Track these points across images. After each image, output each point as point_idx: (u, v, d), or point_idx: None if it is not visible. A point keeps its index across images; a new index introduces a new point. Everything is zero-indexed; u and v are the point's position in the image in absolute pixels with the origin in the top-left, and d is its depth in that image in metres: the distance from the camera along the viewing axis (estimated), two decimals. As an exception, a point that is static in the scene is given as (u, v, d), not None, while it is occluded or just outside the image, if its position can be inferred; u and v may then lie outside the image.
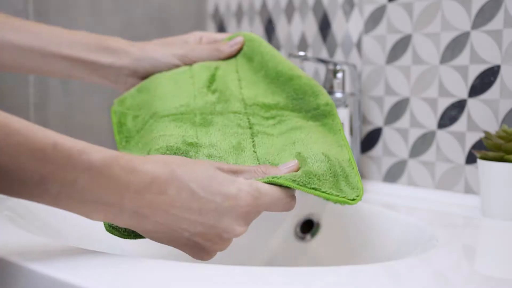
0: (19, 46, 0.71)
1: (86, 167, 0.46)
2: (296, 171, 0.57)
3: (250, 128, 0.65)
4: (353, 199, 0.55)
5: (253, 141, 0.63)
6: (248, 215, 0.53)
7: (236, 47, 0.75)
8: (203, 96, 0.68)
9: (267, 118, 0.66)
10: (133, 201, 0.48)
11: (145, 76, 0.74)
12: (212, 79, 0.71)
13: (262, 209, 0.54)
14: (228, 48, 0.75)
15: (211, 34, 0.79)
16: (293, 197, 0.56)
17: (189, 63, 0.74)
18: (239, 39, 0.74)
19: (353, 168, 0.60)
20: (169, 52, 0.74)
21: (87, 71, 0.73)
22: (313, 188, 0.55)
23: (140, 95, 0.71)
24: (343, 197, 0.55)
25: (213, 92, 0.69)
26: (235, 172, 0.55)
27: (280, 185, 0.55)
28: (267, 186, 0.54)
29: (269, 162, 0.60)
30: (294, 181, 0.54)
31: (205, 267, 0.49)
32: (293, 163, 0.58)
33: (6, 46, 0.70)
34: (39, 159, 0.44)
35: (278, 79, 0.70)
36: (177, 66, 0.74)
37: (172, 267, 0.49)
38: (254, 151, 0.62)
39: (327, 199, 0.55)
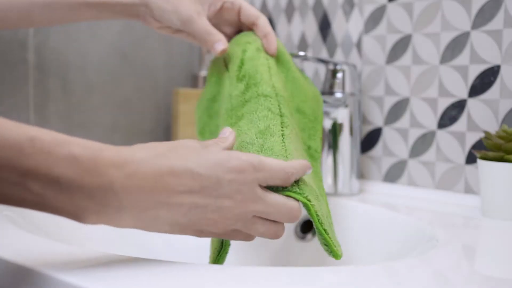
0: (48, 2, 0.74)
1: (69, 161, 0.42)
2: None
3: (281, 116, 0.62)
4: (340, 255, 0.57)
5: (283, 131, 0.60)
6: (248, 182, 0.50)
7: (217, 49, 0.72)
8: (234, 89, 0.67)
9: (291, 116, 0.66)
10: (129, 196, 0.45)
11: (161, 20, 0.74)
12: (241, 64, 0.68)
13: (264, 179, 0.51)
14: (213, 45, 0.72)
15: (237, 4, 0.75)
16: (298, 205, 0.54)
17: (188, 32, 0.74)
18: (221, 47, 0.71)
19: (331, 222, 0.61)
20: (177, 10, 0.72)
21: (113, 13, 0.75)
22: (324, 230, 0.56)
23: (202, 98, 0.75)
24: (337, 250, 0.57)
25: (241, 79, 0.66)
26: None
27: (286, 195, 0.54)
28: (266, 158, 0.52)
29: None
30: (317, 215, 0.55)
31: (205, 267, 0.49)
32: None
33: (36, 3, 0.74)
34: (17, 156, 0.41)
35: (300, 89, 0.72)
36: (180, 32, 0.75)
37: (171, 267, 0.49)
38: (283, 140, 0.59)
39: (328, 246, 0.56)
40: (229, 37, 0.77)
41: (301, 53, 0.84)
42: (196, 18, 0.71)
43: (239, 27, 0.78)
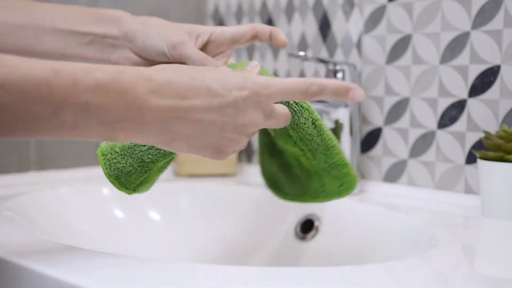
0: (11, 24, 0.67)
1: (94, 86, 0.45)
2: None
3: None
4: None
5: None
6: (261, 101, 0.53)
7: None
8: None
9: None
10: (153, 111, 0.47)
11: (138, 51, 0.67)
12: None
13: (271, 97, 0.53)
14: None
15: (228, 31, 0.71)
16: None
17: (175, 57, 0.66)
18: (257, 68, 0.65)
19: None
20: (164, 37, 0.66)
21: (81, 45, 0.68)
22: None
23: None
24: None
25: None
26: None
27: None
28: (277, 80, 0.54)
29: None
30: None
31: (205, 267, 0.49)
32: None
33: (1, 27, 0.67)
34: (46, 90, 0.43)
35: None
36: (165, 54, 0.66)
37: (171, 267, 0.49)
38: None
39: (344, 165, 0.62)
40: None
41: (301, 53, 0.84)
42: (189, 41, 0.66)
43: (227, 57, 0.75)
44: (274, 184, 0.69)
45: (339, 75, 0.89)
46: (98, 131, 0.46)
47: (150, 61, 0.68)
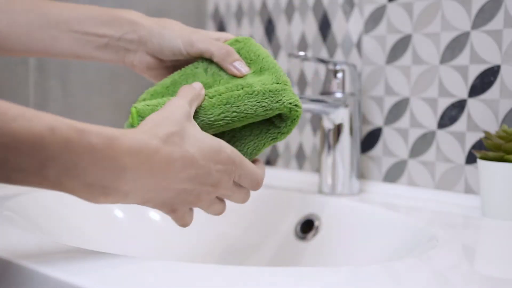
0: (27, 26, 0.67)
1: (86, 150, 0.45)
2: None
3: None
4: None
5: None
6: (230, 178, 0.58)
7: (237, 74, 0.67)
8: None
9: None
10: (139, 183, 0.50)
11: (154, 51, 0.68)
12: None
13: (238, 175, 0.59)
14: (229, 66, 0.67)
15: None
16: (261, 174, 0.62)
17: (192, 54, 0.68)
18: (244, 72, 0.66)
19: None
20: (179, 35, 0.68)
21: (97, 47, 0.69)
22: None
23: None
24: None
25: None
26: (193, 105, 0.59)
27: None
28: (244, 159, 0.59)
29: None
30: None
31: (205, 267, 0.49)
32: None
33: (14, 28, 0.67)
34: (38, 146, 0.43)
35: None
36: (181, 52, 0.68)
37: (171, 267, 0.49)
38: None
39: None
40: None
41: (301, 53, 0.84)
42: (205, 37, 0.67)
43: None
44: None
45: (339, 75, 0.89)
46: (80, 191, 0.47)
47: (164, 61, 0.70)
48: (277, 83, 0.63)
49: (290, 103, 0.62)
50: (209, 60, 0.67)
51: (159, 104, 0.61)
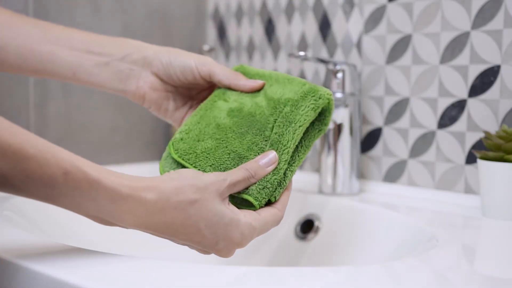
0: (29, 44, 0.66)
1: (91, 200, 0.49)
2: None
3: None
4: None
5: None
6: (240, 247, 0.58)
7: (251, 86, 0.67)
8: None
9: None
10: (142, 224, 0.52)
11: (160, 69, 0.67)
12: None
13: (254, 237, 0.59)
14: (244, 83, 0.68)
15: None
16: (277, 217, 0.60)
17: (203, 75, 0.68)
18: (259, 82, 0.67)
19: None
20: (192, 56, 0.68)
21: (96, 67, 0.67)
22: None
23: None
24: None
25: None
26: (233, 187, 0.57)
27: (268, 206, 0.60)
28: (261, 221, 0.58)
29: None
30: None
31: (205, 267, 0.49)
32: (272, 154, 0.61)
33: (12, 40, 0.66)
34: (50, 187, 0.46)
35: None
36: (191, 70, 0.67)
37: (171, 266, 0.49)
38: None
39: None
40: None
41: (301, 53, 0.84)
42: (214, 61, 0.68)
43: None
44: None
45: (339, 75, 0.89)
46: (88, 217, 0.51)
47: (169, 84, 0.69)
48: (304, 84, 0.65)
49: (328, 94, 0.64)
50: (222, 89, 0.68)
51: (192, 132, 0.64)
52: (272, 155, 0.60)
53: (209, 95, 0.71)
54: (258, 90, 0.67)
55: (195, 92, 0.71)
